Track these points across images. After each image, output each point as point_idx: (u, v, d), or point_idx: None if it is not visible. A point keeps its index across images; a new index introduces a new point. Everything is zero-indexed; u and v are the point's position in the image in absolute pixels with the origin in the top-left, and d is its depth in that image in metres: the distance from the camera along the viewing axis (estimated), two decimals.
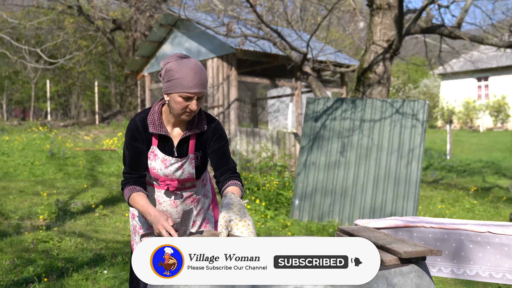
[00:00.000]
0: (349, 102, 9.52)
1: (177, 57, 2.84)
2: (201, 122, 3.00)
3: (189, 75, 2.76)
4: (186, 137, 3.00)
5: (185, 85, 2.76)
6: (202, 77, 2.79)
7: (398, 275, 2.23)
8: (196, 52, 15.41)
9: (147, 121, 2.96)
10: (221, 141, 3.03)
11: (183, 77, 2.75)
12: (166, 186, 3.04)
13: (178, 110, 2.84)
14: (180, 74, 2.76)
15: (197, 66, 2.80)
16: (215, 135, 3.02)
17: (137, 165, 2.98)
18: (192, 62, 2.80)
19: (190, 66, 2.77)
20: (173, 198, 3.09)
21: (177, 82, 2.76)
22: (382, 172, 8.91)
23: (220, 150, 3.03)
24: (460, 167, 16.20)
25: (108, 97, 33.40)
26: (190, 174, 3.03)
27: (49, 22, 25.74)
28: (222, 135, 3.05)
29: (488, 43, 11.00)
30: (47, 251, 6.45)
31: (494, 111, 29.52)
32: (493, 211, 10.21)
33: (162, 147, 2.99)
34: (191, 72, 2.76)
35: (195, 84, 2.77)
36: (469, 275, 3.76)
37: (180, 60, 2.81)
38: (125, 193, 2.98)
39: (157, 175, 3.01)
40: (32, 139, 15.91)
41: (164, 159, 2.97)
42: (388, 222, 4.09)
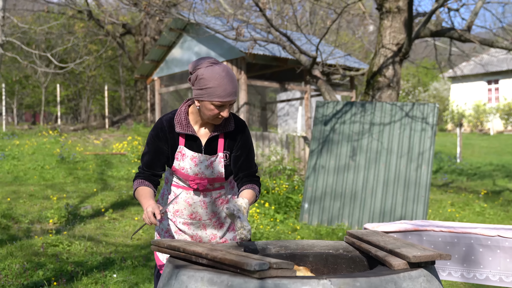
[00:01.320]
0: (358, 105, 9.50)
1: (208, 63, 2.81)
2: (229, 122, 3.01)
3: (222, 84, 2.76)
4: (214, 136, 3.02)
5: (218, 94, 2.77)
6: (234, 85, 2.80)
7: (407, 280, 2.22)
8: (206, 56, 15.43)
9: (173, 121, 2.99)
10: (247, 145, 3.05)
11: (216, 86, 2.76)
12: (196, 185, 3.06)
13: (210, 116, 2.87)
14: (213, 84, 2.76)
15: (229, 74, 2.79)
16: (242, 137, 3.04)
17: (153, 163, 3.03)
18: (224, 69, 2.79)
19: (222, 75, 2.76)
20: (203, 198, 3.11)
21: (210, 91, 2.77)
22: (391, 175, 8.88)
23: (245, 153, 3.05)
24: (470, 170, 16.12)
25: (118, 101, 33.52)
26: (220, 173, 3.04)
27: (59, 26, 25.88)
28: (249, 138, 3.08)
29: (498, 46, 10.95)
30: (56, 255, 6.47)
31: (504, 114, 29.36)
32: (504, 214, 10.15)
33: (190, 146, 3.01)
34: (224, 81, 2.76)
35: (228, 93, 2.78)
36: (479, 279, 3.74)
37: (212, 67, 2.79)
38: (134, 185, 3.06)
39: (186, 175, 3.03)
40: (42, 143, 15.98)
41: (194, 156, 2.99)
42: (398, 226, 4.08)
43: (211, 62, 2.82)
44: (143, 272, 5.89)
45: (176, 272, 2.35)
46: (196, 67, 2.83)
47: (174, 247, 2.58)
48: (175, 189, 3.16)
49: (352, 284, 2.09)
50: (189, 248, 2.48)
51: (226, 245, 2.87)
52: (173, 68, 16.83)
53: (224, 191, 3.16)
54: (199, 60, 2.85)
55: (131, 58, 24.87)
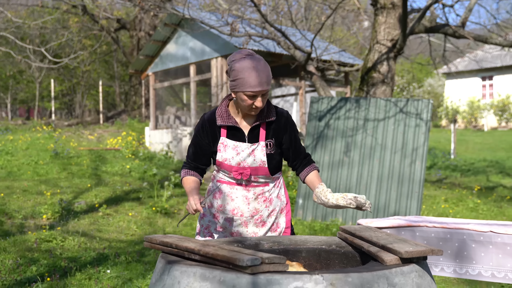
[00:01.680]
0: (353, 101, 9.51)
1: (242, 55, 2.92)
2: (270, 112, 3.11)
3: (252, 75, 2.86)
4: (256, 126, 3.10)
5: (248, 84, 2.87)
6: (264, 75, 2.89)
7: (399, 275, 2.22)
8: (200, 52, 15.41)
9: (215, 115, 3.12)
10: (293, 131, 3.17)
11: (246, 77, 2.86)
12: (239, 175, 3.10)
13: (245, 107, 2.97)
14: (243, 74, 2.87)
15: (259, 64, 2.89)
16: (288, 126, 3.15)
17: (196, 156, 3.19)
18: (254, 60, 2.89)
19: (252, 65, 2.87)
20: (245, 193, 3.14)
21: (241, 82, 2.88)
22: (385, 171, 8.90)
23: (294, 139, 3.17)
24: (464, 166, 16.16)
25: (112, 97, 33.45)
26: (262, 162, 3.09)
27: (54, 21, 25.79)
28: (294, 125, 3.18)
29: (493, 42, 10.96)
30: (50, 251, 6.46)
31: (498, 110, 29.44)
32: (497, 210, 10.18)
33: (232, 136, 3.10)
34: (253, 71, 2.86)
35: (258, 83, 2.87)
36: (472, 275, 3.75)
37: (243, 60, 2.90)
38: (181, 174, 3.21)
39: (229, 165, 3.09)
40: (36, 138, 15.95)
41: (235, 146, 3.08)
42: (391, 221, 4.09)
43: (245, 54, 2.93)
44: (137, 268, 5.89)
45: (168, 267, 2.35)
46: (231, 60, 2.95)
47: (166, 243, 2.58)
48: (219, 184, 3.22)
49: (344, 280, 2.10)
50: (181, 244, 2.48)
51: (219, 240, 2.88)
52: (168, 64, 16.79)
53: (268, 189, 3.19)
54: (235, 54, 2.96)
55: (125, 53, 24.81)
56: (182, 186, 3.24)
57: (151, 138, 17.46)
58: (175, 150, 16.33)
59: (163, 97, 20.68)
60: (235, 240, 2.93)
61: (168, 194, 9.91)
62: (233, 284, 2.12)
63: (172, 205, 9.62)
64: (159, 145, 16.94)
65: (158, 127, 17.84)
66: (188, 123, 18.64)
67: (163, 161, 14.74)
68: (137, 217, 8.70)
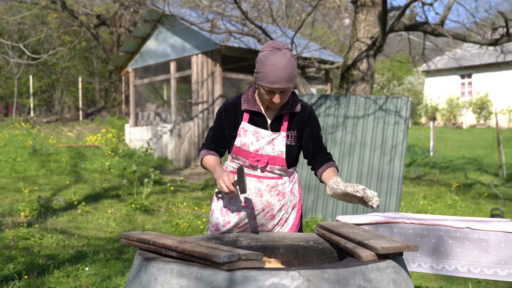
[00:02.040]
0: (333, 98, 9.54)
1: (270, 48, 2.86)
2: (295, 103, 3.06)
3: (272, 71, 2.80)
4: (280, 116, 3.06)
5: (267, 79, 2.82)
6: (285, 73, 2.81)
7: (375, 271, 2.24)
8: (181, 48, 15.36)
9: (240, 100, 3.08)
10: (316, 125, 3.12)
11: (267, 72, 2.81)
12: (256, 162, 3.04)
13: (264, 99, 2.94)
14: (264, 68, 2.82)
15: (282, 61, 2.81)
16: (311, 119, 3.10)
17: (216, 139, 3.13)
18: (280, 56, 2.82)
19: (275, 61, 2.80)
20: (259, 185, 3.07)
21: (261, 76, 2.84)
22: (365, 168, 8.95)
23: (316, 134, 3.12)
24: (443, 163, 16.31)
25: (92, 93, 33.20)
26: (281, 152, 3.03)
27: (32, 17, 25.49)
28: (317, 121, 3.14)
29: (471, 40, 11.07)
30: (28, 248, 6.40)
31: (477, 108, 29.74)
32: (475, 207, 10.29)
33: (254, 121, 3.06)
34: (274, 67, 2.80)
35: (276, 80, 2.81)
36: (448, 271, 3.79)
37: (269, 53, 2.84)
38: (201, 154, 3.17)
39: (247, 151, 3.04)
40: (14, 135, 15.78)
41: (256, 131, 3.04)
42: (369, 218, 4.11)
43: (274, 47, 2.85)
44: (116, 265, 5.86)
45: (145, 264, 2.35)
46: (261, 50, 2.89)
47: (143, 240, 2.57)
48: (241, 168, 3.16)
49: (320, 276, 2.11)
50: (158, 241, 2.48)
51: (197, 237, 2.87)
52: (148, 60, 16.71)
53: (282, 182, 3.11)
54: (267, 44, 2.90)
55: (105, 50, 24.63)
56: (203, 166, 3.16)
57: (131, 135, 17.37)
58: (155, 147, 16.26)
59: (143, 93, 20.58)
60: (213, 237, 2.93)
61: (147, 191, 9.87)
62: (210, 280, 2.12)
63: (152, 202, 9.58)
64: (139, 142, 16.86)
65: (138, 124, 17.75)
66: (168, 120, 18.57)
67: (143, 158, 14.67)
68: (116, 214, 8.65)
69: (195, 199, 10.14)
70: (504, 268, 3.57)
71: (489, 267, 3.62)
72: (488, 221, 3.82)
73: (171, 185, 11.08)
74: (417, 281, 5.71)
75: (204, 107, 14.76)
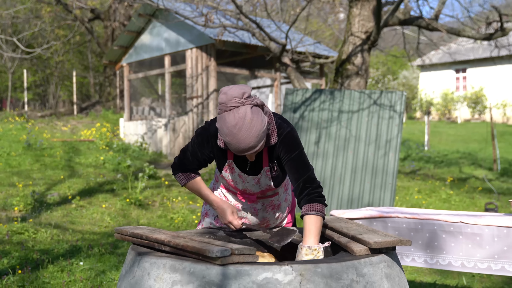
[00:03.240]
0: (327, 93, 9.54)
1: (227, 107, 2.49)
2: (272, 135, 2.72)
3: (234, 143, 2.50)
4: (259, 152, 2.79)
5: (231, 148, 2.54)
6: (250, 141, 2.49)
7: (368, 265, 2.24)
8: (175, 42, 15.32)
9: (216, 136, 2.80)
10: (290, 152, 2.74)
11: (229, 142, 2.51)
12: (244, 199, 2.97)
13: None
14: (227, 138, 2.50)
15: (243, 129, 2.46)
16: (284, 147, 2.75)
17: (194, 162, 2.88)
18: (238, 122, 2.46)
19: (234, 131, 2.46)
20: (254, 205, 3.01)
21: (226, 142, 2.53)
22: (359, 163, 8.96)
23: (291, 161, 2.75)
24: (438, 158, 16.35)
25: (86, 87, 33.09)
26: (268, 185, 2.89)
27: (26, 11, 25.37)
28: (291, 145, 2.75)
29: (465, 35, 11.07)
30: (22, 243, 6.39)
31: (471, 103, 29.79)
32: (469, 201, 10.32)
33: (238, 161, 2.83)
34: (235, 138, 2.48)
35: (243, 150, 2.52)
36: (442, 265, 3.80)
37: (226, 116, 2.48)
38: (180, 178, 2.91)
39: (236, 187, 2.93)
40: (8, 129, 15.73)
41: (241, 174, 2.84)
42: (363, 212, 4.12)
43: (230, 106, 2.48)
44: (110, 260, 5.85)
45: (138, 259, 2.34)
46: (220, 103, 2.52)
47: (137, 235, 2.57)
48: (225, 192, 3.04)
49: (313, 270, 2.11)
50: (151, 236, 2.47)
51: (190, 232, 2.87)
52: (142, 54, 16.66)
53: (277, 197, 3.03)
54: (226, 93, 2.51)
55: (100, 44, 24.55)
56: (189, 189, 2.94)
57: (125, 129, 17.33)
58: (149, 141, 16.24)
59: (138, 88, 20.54)
60: (206, 232, 2.93)
61: (142, 186, 9.86)
62: (202, 275, 2.12)
63: (146, 196, 9.57)
64: (133, 137, 16.83)
65: (133, 119, 17.71)
66: (163, 114, 18.54)
67: (137, 152, 14.65)
68: (111, 209, 8.64)
69: (189, 194, 10.13)
70: (498, 262, 3.59)
71: (482, 261, 3.63)
72: (481, 216, 3.83)
73: (165, 180, 11.07)
74: (411, 275, 5.73)
75: (199, 102, 14.74)
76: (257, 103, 2.53)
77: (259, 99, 2.56)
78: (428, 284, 5.38)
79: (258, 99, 2.55)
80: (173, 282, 2.15)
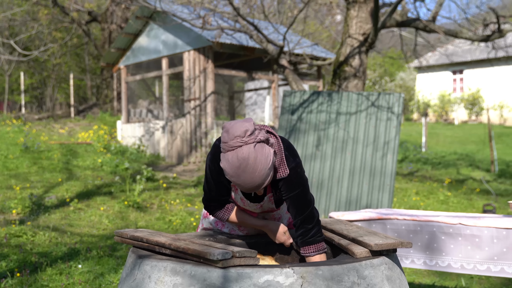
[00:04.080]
0: (325, 95, 9.54)
1: (230, 148, 2.40)
2: (280, 167, 2.62)
3: (240, 183, 2.42)
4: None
5: (240, 186, 2.45)
6: (254, 181, 2.40)
7: (369, 267, 2.24)
8: (173, 45, 15.32)
9: None
10: (292, 191, 2.64)
11: (235, 181, 2.42)
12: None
13: None
14: (230, 178, 2.42)
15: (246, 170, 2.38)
16: (286, 184, 2.65)
17: (225, 191, 2.75)
18: (241, 166, 2.37)
19: (238, 173, 2.38)
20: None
21: (233, 181, 2.44)
22: (357, 164, 8.96)
23: (291, 199, 2.66)
24: (435, 159, 16.36)
25: (83, 90, 33.07)
26: (270, 208, 2.86)
27: (23, 13, 25.36)
28: (294, 184, 2.64)
29: (463, 37, 11.10)
30: (20, 246, 6.38)
31: (468, 104, 29.84)
32: (467, 202, 10.34)
33: None
34: (240, 179, 2.40)
35: (248, 189, 2.46)
36: (441, 266, 3.80)
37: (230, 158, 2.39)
38: (220, 215, 2.82)
39: (237, 204, 2.86)
40: (5, 132, 15.70)
41: (243, 199, 2.79)
42: (362, 214, 4.12)
43: (232, 144, 2.39)
44: (109, 262, 5.84)
45: (139, 262, 2.34)
46: (222, 142, 2.43)
47: (137, 238, 2.56)
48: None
49: (314, 273, 2.11)
50: (152, 238, 2.47)
51: (190, 234, 2.87)
52: (140, 57, 16.66)
53: (278, 212, 2.97)
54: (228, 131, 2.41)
55: (97, 46, 24.54)
56: (232, 222, 2.85)
57: (123, 131, 17.32)
58: (147, 143, 16.22)
59: (135, 90, 20.53)
60: (206, 234, 2.93)
61: (140, 188, 9.85)
62: (204, 278, 2.12)
63: (145, 199, 9.56)
64: (131, 139, 16.82)
65: (130, 121, 17.70)
66: (160, 116, 18.54)
67: (135, 155, 14.64)
68: (109, 212, 8.63)
69: (187, 196, 10.12)
70: (497, 264, 3.59)
71: (482, 262, 3.64)
72: (480, 217, 3.84)
73: (163, 182, 11.06)
74: (410, 277, 5.73)
75: (197, 104, 14.73)
76: (260, 139, 2.41)
77: (263, 133, 2.46)
78: (427, 286, 5.38)
79: (262, 132, 2.45)
80: (174, 285, 2.15)
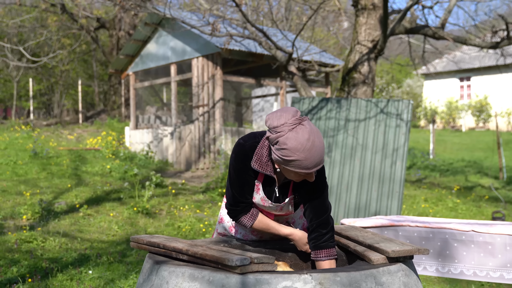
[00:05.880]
0: (334, 101, 9.55)
1: (291, 125, 2.37)
2: None
3: (309, 157, 2.37)
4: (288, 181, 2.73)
5: (305, 166, 2.39)
6: (322, 152, 2.39)
7: (386, 274, 2.25)
8: (181, 51, 15.37)
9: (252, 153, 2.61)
10: (315, 194, 2.66)
11: (303, 160, 2.37)
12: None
13: (292, 178, 2.55)
14: (299, 156, 2.36)
15: (316, 140, 2.36)
16: (307, 190, 2.67)
17: (248, 193, 2.71)
18: (310, 136, 2.36)
19: (308, 145, 2.35)
20: None
21: (296, 164, 2.39)
22: (366, 171, 8.95)
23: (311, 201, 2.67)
24: (443, 166, 16.32)
25: (91, 96, 33.20)
26: (289, 211, 2.83)
27: (32, 20, 25.51)
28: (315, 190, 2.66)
29: (471, 43, 11.09)
30: (31, 251, 6.40)
31: (476, 111, 29.77)
32: (476, 210, 10.30)
33: (265, 185, 2.71)
34: (310, 153, 2.36)
35: (316, 164, 2.40)
36: (454, 273, 3.80)
37: (296, 132, 2.36)
38: (245, 220, 2.74)
39: (255, 204, 2.78)
40: (14, 138, 15.78)
41: (264, 199, 2.71)
42: (374, 221, 4.12)
43: (293, 122, 2.37)
44: (119, 268, 5.86)
45: (156, 268, 2.35)
46: (276, 127, 2.40)
47: (153, 243, 2.57)
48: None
49: (332, 279, 2.11)
50: (169, 244, 2.48)
51: (206, 240, 2.88)
52: (148, 63, 16.72)
53: (291, 215, 2.94)
54: (279, 116, 2.41)
55: (105, 53, 24.65)
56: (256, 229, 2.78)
57: (131, 138, 17.36)
58: (155, 150, 16.26)
59: (143, 96, 20.59)
60: (222, 240, 2.94)
61: (149, 194, 9.87)
62: (222, 284, 2.12)
63: (154, 205, 9.58)
64: (139, 145, 16.86)
65: (139, 127, 17.75)
66: (169, 122, 18.58)
67: (143, 161, 14.67)
68: (118, 218, 8.65)
69: (196, 202, 10.14)
70: (510, 271, 3.58)
71: (495, 270, 3.63)
72: (493, 224, 3.83)
73: (172, 188, 11.08)
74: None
75: (205, 110, 14.76)
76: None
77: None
78: None
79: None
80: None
